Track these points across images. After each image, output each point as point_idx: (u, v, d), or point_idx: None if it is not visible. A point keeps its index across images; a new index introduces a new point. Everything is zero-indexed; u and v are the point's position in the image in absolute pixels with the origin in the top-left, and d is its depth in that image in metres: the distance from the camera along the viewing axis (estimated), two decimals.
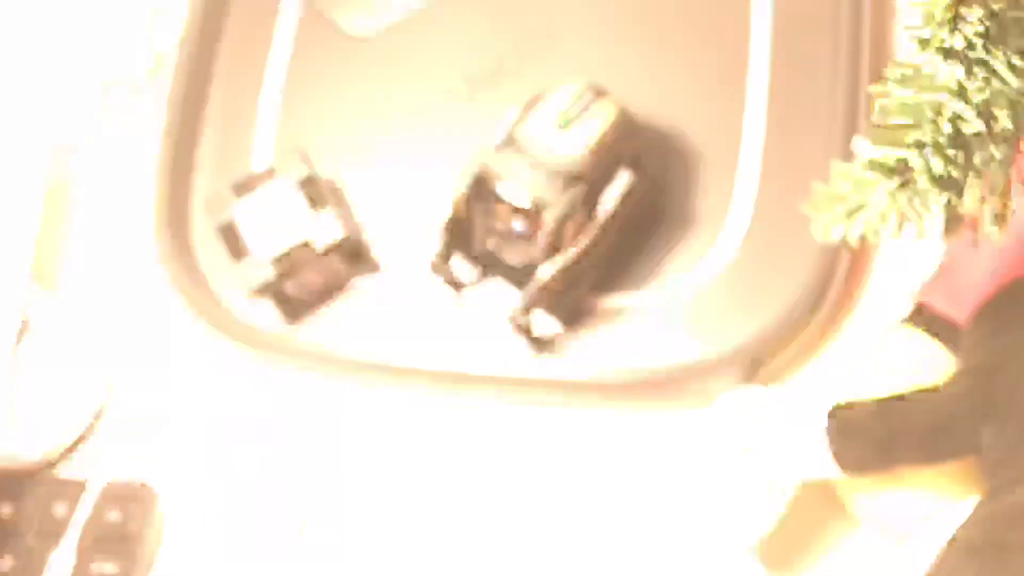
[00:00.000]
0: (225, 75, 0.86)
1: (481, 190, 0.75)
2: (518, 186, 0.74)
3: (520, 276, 0.76)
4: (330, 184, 0.81)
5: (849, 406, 0.69)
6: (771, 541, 0.71)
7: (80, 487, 0.76)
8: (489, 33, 0.84)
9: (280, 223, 0.78)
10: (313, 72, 0.85)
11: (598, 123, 0.74)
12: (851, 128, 0.78)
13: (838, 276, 0.76)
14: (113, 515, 0.75)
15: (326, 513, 0.77)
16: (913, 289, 0.75)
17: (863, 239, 0.61)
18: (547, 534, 0.75)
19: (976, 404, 0.66)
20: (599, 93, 0.75)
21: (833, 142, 0.78)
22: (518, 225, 0.74)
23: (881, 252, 0.78)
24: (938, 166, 0.52)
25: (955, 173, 0.52)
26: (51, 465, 0.78)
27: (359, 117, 0.84)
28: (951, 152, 0.52)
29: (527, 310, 0.75)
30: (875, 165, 0.53)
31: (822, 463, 0.69)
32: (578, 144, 0.74)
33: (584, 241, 0.74)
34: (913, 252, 0.76)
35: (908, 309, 0.74)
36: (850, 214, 0.62)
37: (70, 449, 0.79)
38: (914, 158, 0.52)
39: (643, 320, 0.77)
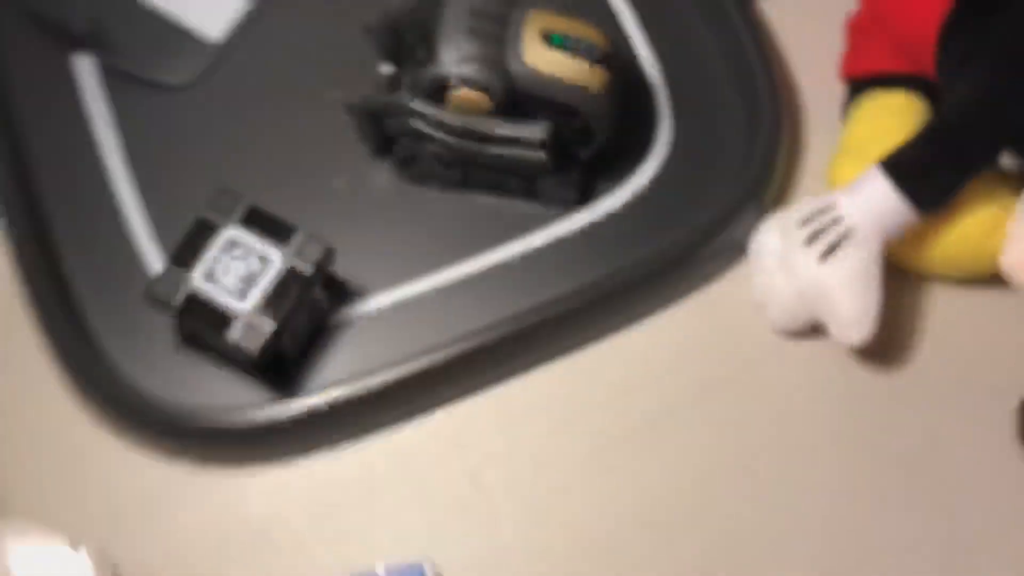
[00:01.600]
0: (60, 189, 0.73)
1: None
2: None
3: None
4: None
5: (897, 155, 0.69)
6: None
7: None
8: (327, 25, 0.76)
9: (249, 267, 0.65)
10: (156, 141, 0.74)
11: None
12: None
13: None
14: None
15: None
16: (843, 66, 0.76)
17: None
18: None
19: (1007, 84, 0.68)
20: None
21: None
22: None
23: (802, 54, 0.79)
24: None
25: None
26: None
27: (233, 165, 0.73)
28: None
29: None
30: None
31: (901, 216, 0.68)
32: None
33: None
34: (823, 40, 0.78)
35: (856, 83, 0.75)
36: None
37: None
38: None
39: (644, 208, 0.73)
